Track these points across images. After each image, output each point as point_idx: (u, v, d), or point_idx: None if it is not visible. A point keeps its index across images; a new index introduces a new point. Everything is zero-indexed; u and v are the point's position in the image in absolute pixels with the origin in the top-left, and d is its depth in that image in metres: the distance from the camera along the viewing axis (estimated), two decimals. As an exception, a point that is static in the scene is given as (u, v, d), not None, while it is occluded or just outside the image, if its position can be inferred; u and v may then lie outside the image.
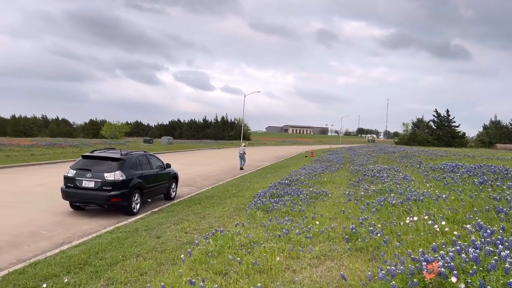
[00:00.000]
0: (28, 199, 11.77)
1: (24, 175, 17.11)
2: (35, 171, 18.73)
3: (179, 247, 6.66)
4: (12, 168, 19.40)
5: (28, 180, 15.83)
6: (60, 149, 30.92)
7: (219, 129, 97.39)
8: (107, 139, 58.49)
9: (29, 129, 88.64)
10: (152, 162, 12.03)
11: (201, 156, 34.28)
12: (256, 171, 22.38)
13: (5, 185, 14.31)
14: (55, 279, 5.46)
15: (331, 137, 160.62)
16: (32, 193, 12.79)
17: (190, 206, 10.95)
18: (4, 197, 11.82)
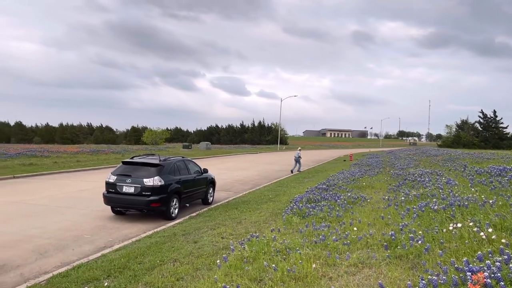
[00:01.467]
0: (73, 204, 12.25)
1: (69, 181, 17.86)
2: (79, 177, 19.51)
3: (215, 252, 6.69)
4: (58, 174, 20.31)
5: (73, 185, 16.50)
6: (103, 155, 32.07)
7: (256, 134, 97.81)
8: (148, 145, 60.14)
9: (75, 136, 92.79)
10: (189, 167, 12.22)
11: (239, 161, 34.49)
12: (293, 176, 22.23)
13: (52, 190, 14.99)
14: (96, 282, 5.63)
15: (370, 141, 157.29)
16: (76, 198, 13.31)
17: (227, 211, 11.01)
18: (51, 202, 12.37)
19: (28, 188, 15.39)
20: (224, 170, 24.56)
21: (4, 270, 6.51)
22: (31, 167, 21.77)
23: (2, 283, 5.97)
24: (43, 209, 11.36)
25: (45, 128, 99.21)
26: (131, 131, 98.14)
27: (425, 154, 32.23)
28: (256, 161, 35.00)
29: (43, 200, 12.73)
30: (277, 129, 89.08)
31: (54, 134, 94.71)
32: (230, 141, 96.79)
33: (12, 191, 14.43)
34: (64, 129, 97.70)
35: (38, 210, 11.14)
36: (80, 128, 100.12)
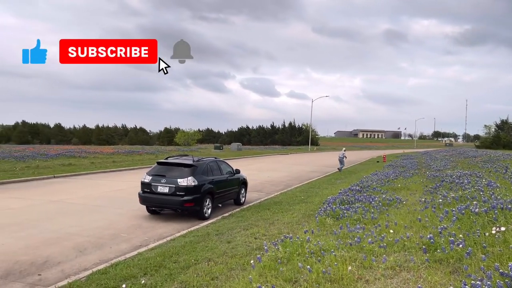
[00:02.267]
0: (110, 203, 12.60)
1: (106, 181, 18.40)
2: (115, 177, 20.06)
3: (249, 252, 6.71)
4: (95, 174, 20.95)
5: (109, 185, 16.99)
6: (138, 156, 32.85)
7: (286, 135, 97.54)
8: (181, 146, 61.09)
9: (111, 137, 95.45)
10: (222, 168, 12.32)
11: (270, 162, 34.49)
12: (325, 177, 22.01)
13: (90, 190, 15.48)
14: (133, 280, 5.76)
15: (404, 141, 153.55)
16: (113, 197, 13.69)
17: (259, 212, 11.02)
18: (89, 201, 12.77)
19: (68, 188, 15.96)
20: (255, 171, 24.61)
21: (46, 266, 6.77)
22: (70, 167, 22.58)
23: (44, 279, 6.22)
24: (82, 208, 11.75)
25: (83, 130, 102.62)
26: (164, 132, 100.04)
27: (463, 155, 31.16)
28: (287, 162, 34.89)
29: (82, 199, 13.17)
30: (308, 129, 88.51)
31: (91, 135, 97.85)
32: (260, 142, 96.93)
33: (53, 191, 15.00)
34: (100, 130, 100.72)
35: (77, 209, 11.53)
36: (115, 129, 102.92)
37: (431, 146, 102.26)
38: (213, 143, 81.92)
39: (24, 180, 17.30)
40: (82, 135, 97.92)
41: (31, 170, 20.40)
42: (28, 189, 15.11)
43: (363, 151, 71.50)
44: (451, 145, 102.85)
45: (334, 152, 61.39)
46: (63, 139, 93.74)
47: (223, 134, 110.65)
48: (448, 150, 47.71)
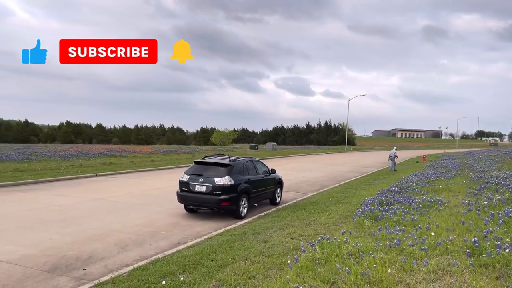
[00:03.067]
0: (149, 201, 12.95)
1: (145, 179, 18.91)
2: (154, 176, 20.58)
3: (286, 252, 6.70)
4: (135, 173, 21.58)
5: (148, 183, 17.45)
6: (175, 155, 33.54)
7: (322, 135, 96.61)
8: (217, 145, 61.88)
9: (149, 137, 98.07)
10: (258, 167, 12.37)
11: (305, 162, 34.28)
12: (362, 177, 21.63)
13: (129, 188, 15.96)
14: (173, 277, 5.89)
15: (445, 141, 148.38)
16: (152, 195, 14.05)
17: (295, 212, 10.98)
18: (129, 199, 13.18)
19: (109, 186, 16.53)
20: (290, 170, 24.52)
21: (91, 261, 7.04)
22: (111, 166, 23.37)
23: (89, 273, 6.47)
24: (123, 205, 12.13)
25: (122, 130, 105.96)
26: (201, 132, 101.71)
27: (510, 155, 29.72)
28: (323, 162, 34.55)
29: (123, 197, 13.61)
30: (344, 129, 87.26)
31: (130, 135, 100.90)
32: (295, 141, 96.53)
33: (95, 188, 15.59)
34: (139, 130, 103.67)
35: (119, 207, 11.92)
36: (153, 129, 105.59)
37: (474, 146, 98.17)
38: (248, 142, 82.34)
39: (69, 178, 18.08)
40: (122, 135, 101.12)
41: (75, 168, 21.28)
42: (73, 187, 15.77)
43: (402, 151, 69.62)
44: (496, 145, 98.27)
45: (372, 153, 60.23)
46: (104, 138, 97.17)
47: (258, 133, 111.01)
48: (493, 150, 45.66)
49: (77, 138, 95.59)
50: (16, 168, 19.66)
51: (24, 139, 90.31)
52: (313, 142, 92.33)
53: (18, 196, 13.43)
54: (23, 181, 16.25)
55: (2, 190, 14.44)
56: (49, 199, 12.86)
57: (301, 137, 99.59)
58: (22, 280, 6.07)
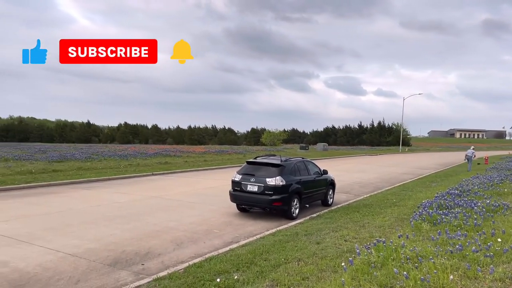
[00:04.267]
0: (202, 200, 13.25)
1: (198, 179, 19.38)
2: (207, 175, 21.04)
3: (339, 254, 6.59)
4: (189, 172, 22.19)
5: (201, 183, 17.87)
6: (227, 156, 34.08)
7: (375, 135, 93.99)
8: (267, 146, 62.09)
9: (201, 137, 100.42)
10: (309, 168, 12.27)
11: (357, 163, 33.52)
12: (418, 179, 20.80)
13: (184, 187, 16.43)
14: (227, 275, 5.99)
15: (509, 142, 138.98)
16: (205, 194, 14.37)
17: (348, 214, 10.77)
18: (184, 197, 13.57)
19: (165, 185, 17.12)
20: (342, 171, 24.09)
21: (148, 257, 7.33)
22: (166, 166, 24.19)
23: (147, 268, 6.74)
24: (178, 204, 12.51)
25: (176, 130, 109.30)
26: (251, 133, 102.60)
27: None
28: (376, 163, 33.60)
29: (177, 195, 14.04)
30: (398, 129, 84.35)
31: (184, 135, 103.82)
32: (347, 142, 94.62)
33: (152, 187, 16.20)
34: (192, 131, 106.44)
35: (174, 205, 12.31)
36: (205, 130, 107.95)
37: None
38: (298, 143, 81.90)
39: (128, 177, 18.94)
40: (176, 135, 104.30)
41: (133, 167, 22.25)
42: (131, 185, 16.50)
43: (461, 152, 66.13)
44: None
45: (428, 154, 57.76)
46: (159, 139, 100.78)
47: (308, 134, 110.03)
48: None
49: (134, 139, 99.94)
50: (80, 167, 20.90)
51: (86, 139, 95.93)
52: (366, 142, 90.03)
53: (82, 193, 14.27)
54: (86, 179, 17.24)
55: (68, 187, 15.42)
56: (109, 197, 13.54)
57: (353, 137, 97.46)
58: (87, 273, 6.44)
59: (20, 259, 6.90)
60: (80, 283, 6.03)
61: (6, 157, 22.26)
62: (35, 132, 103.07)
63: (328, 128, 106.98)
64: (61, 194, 13.81)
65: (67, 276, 6.24)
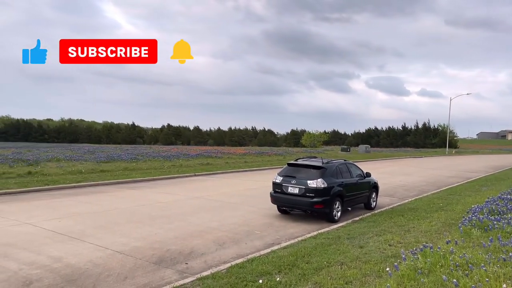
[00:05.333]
0: (243, 201, 13.36)
1: (239, 180, 19.56)
2: (247, 176, 21.18)
3: (384, 259, 6.44)
4: (229, 173, 22.43)
5: (242, 184, 18.02)
6: (267, 157, 34.16)
7: (420, 136, 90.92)
8: (307, 147, 61.62)
9: (242, 139, 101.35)
10: (352, 170, 12.07)
11: (401, 165, 32.57)
12: (467, 183, 19.91)
13: (225, 188, 16.64)
14: (269, 276, 6.00)
15: None
16: (246, 195, 14.48)
17: (392, 218, 10.50)
18: (225, 198, 13.74)
19: (206, 185, 17.41)
20: (386, 174, 23.50)
21: (192, 256, 7.48)
22: (207, 166, 24.59)
23: (191, 267, 6.88)
24: (219, 204, 12.69)
25: (217, 132, 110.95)
26: (291, 134, 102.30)
27: None
28: (421, 166, 32.50)
29: (219, 196, 14.24)
30: (444, 131, 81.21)
31: (224, 137, 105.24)
32: (390, 144, 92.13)
33: (194, 187, 16.53)
34: (232, 132, 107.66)
35: (215, 205, 12.49)
36: (245, 131, 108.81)
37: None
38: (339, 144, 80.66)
39: (171, 177, 19.43)
40: (217, 137, 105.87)
41: (176, 168, 22.79)
42: (174, 185, 16.92)
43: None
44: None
45: (477, 156, 55.19)
46: (200, 140, 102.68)
47: (349, 135, 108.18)
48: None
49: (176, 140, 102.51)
50: (126, 167, 21.66)
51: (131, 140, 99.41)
52: (410, 144, 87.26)
53: (128, 192, 14.79)
54: (132, 179, 17.85)
55: (115, 187, 16.03)
56: (154, 196, 13.95)
57: (396, 139, 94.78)
58: (133, 270, 6.67)
59: (72, 255, 7.26)
60: (127, 280, 6.25)
61: (58, 157, 23.46)
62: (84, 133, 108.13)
63: (370, 130, 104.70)
64: (109, 193, 14.38)
65: (115, 273, 6.49)
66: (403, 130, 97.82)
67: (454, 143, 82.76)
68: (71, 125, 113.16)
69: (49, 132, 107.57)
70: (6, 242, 7.91)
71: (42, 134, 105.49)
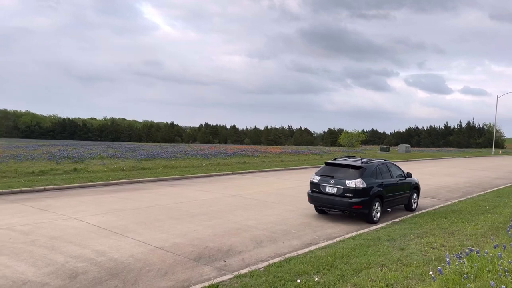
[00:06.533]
0: (280, 200, 13.35)
1: (275, 179, 19.55)
2: (284, 175, 21.14)
3: (426, 262, 6.24)
4: (266, 172, 22.48)
5: (279, 183, 18.00)
6: (303, 156, 33.95)
7: (463, 136, 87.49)
8: (344, 147, 60.77)
9: (278, 138, 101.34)
10: (392, 170, 11.78)
11: (443, 166, 31.44)
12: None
13: (261, 186, 16.68)
14: (307, 276, 5.96)
15: None
16: (282, 195, 14.45)
17: (435, 220, 10.16)
18: (262, 197, 13.77)
19: (243, 184, 17.52)
20: (427, 175, 22.77)
21: (230, 254, 7.55)
22: (244, 165, 24.76)
23: (229, 265, 6.95)
24: (256, 203, 12.74)
25: (253, 131, 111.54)
26: (328, 133, 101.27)
27: None
28: (465, 167, 31.23)
29: (255, 194, 14.29)
30: (491, 130, 77.77)
31: (261, 136, 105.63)
32: (431, 143, 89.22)
33: (231, 185, 16.68)
34: (268, 131, 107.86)
35: (252, 204, 12.55)
36: (282, 130, 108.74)
37: None
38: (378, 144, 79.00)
39: (209, 176, 19.71)
40: (253, 136, 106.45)
41: (214, 166, 23.10)
42: (212, 183, 17.14)
43: None
44: None
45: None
46: (237, 139, 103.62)
47: (388, 135, 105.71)
48: None
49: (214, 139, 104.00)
50: (165, 165, 22.19)
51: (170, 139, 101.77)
52: (453, 144, 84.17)
53: (168, 190, 15.13)
54: (171, 177, 18.25)
55: (155, 184, 16.45)
56: (192, 194, 14.20)
57: (438, 138, 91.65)
58: (173, 266, 6.82)
59: (115, 250, 7.51)
60: (167, 275, 6.40)
61: (102, 155, 24.36)
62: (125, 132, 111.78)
63: (410, 129, 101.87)
64: (149, 190, 14.78)
65: (156, 268, 6.66)
66: (446, 130, 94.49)
67: (500, 143, 79.08)
68: (113, 124, 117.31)
69: (93, 130, 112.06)
70: (54, 236, 8.30)
71: (86, 132, 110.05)
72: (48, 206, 11.28)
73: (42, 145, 35.57)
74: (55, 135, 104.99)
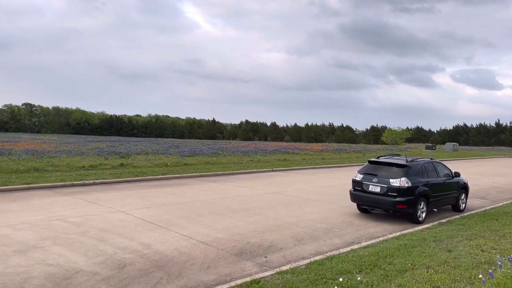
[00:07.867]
0: (321, 198, 13.24)
1: (316, 176, 19.40)
2: (325, 173, 20.93)
3: (476, 265, 6.00)
4: (306, 170, 22.35)
5: (319, 181, 17.85)
6: (345, 154, 33.46)
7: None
8: (388, 145, 59.26)
9: (318, 135, 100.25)
10: (438, 169, 11.37)
11: (494, 165, 29.95)
12: None
13: (302, 184, 16.61)
14: (349, 275, 5.89)
15: None
16: (323, 193, 14.33)
17: (484, 221, 9.72)
18: (302, 194, 13.72)
19: (284, 181, 17.53)
20: (476, 175, 21.80)
21: (271, 250, 7.60)
22: (284, 162, 24.74)
23: (270, 261, 6.99)
24: (296, 200, 12.71)
25: (294, 128, 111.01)
26: (370, 131, 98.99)
27: None
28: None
29: (296, 192, 14.26)
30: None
31: (301, 133, 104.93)
32: (481, 142, 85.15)
33: (271, 182, 16.74)
34: (309, 128, 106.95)
35: (293, 201, 12.53)
36: (322, 127, 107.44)
37: None
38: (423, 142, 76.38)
39: (249, 172, 19.88)
40: (293, 133, 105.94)
41: (254, 163, 23.26)
42: (252, 180, 17.27)
43: None
44: None
45: None
46: (277, 136, 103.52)
47: (434, 132, 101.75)
48: None
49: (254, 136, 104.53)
50: (207, 161, 22.60)
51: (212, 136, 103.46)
52: (504, 143, 79.88)
53: (210, 185, 15.41)
54: (213, 173, 18.57)
55: (197, 180, 16.81)
56: (234, 190, 14.38)
57: (489, 137, 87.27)
58: (215, 260, 6.95)
59: (160, 243, 7.76)
60: (210, 269, 6.53)
61: (147, 151, 25.17)
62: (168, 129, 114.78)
63: (458, 126, 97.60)
64: (192, 186, 15.11)
65: (199, 262, 6.82)
66: (497, 127, 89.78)
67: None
68: (157, 120, 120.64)
69: (138, 127, 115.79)
70: (103, 228, 8.69)
71: (132, 129, 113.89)
72: (97, 199, 11.81)
73: (91, 140, 37.27)
74: (103, 131, 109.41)
